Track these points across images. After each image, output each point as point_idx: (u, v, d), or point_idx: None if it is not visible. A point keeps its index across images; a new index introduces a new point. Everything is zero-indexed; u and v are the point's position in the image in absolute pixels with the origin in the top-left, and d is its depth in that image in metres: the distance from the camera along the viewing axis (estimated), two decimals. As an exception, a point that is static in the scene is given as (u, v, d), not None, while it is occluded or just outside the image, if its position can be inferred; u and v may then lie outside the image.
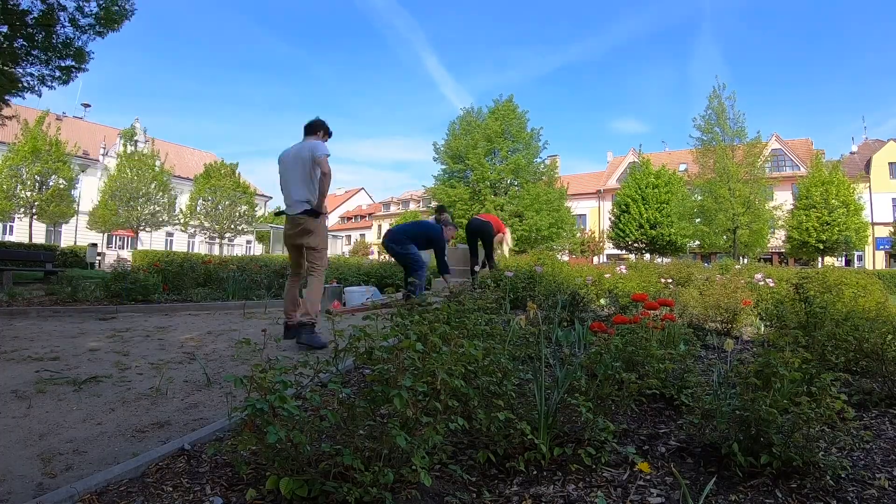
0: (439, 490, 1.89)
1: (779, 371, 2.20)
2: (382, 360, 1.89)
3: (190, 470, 2.05)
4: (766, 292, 6.68)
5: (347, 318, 5.68)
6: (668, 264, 13.89)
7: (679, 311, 5.60)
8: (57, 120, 28.11)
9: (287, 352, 4.50)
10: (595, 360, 2.56)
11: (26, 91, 9.20)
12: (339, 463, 1.68)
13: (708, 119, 23.76)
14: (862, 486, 1.97)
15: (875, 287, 7.47)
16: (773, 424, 1.98)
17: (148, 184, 27.40)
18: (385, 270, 11.16)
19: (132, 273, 8.32)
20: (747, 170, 22.85)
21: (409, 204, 59.13)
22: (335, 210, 69.66)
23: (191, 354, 4.39)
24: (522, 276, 7.55)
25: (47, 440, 2.44)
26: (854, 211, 26.62)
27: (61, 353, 4.33)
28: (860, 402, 3.03)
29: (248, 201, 31.37)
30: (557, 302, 5.24)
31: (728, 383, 2.67)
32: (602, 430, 2.22)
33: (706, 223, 24.35)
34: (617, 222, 31.47)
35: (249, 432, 1.72)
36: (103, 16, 8.43)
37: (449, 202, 26.21)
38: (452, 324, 2.86)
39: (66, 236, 33.27)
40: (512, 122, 26.82)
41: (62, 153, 24.59)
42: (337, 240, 47.51)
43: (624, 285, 7.79)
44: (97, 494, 1.82)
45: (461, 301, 3.52)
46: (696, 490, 1.90)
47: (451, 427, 1.85)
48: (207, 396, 3.25)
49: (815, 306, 4.47)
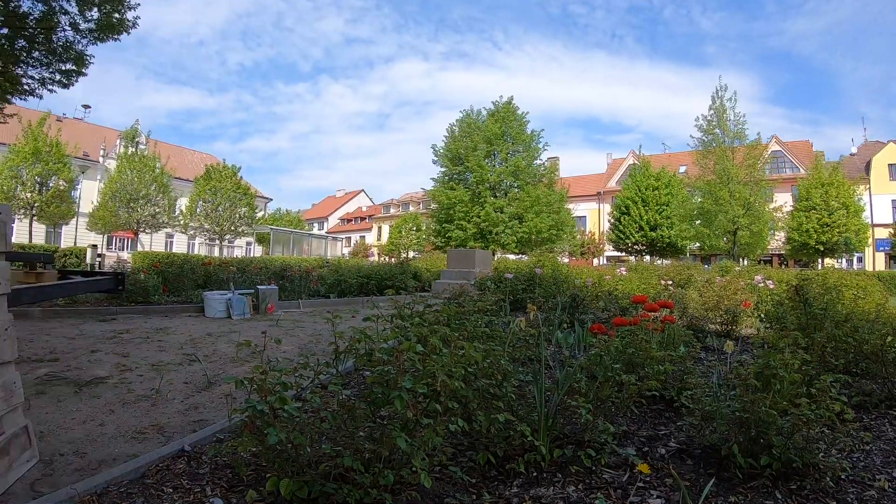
0: (439, 491, 1.89)
1: (778, 373, 2.21)
2: (383, 361, 1.89)
3: (190, 471, 2.05)
4: (766, 294, 6.69)
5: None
6: (668, 266, 13.91)
7: (679, 312, 5.61)
8: (57, 121, 28.13)
9: (288, 353, 4.50)
10: (595, 362, 2.56)
11: (27, 94, 9.21)
12: (339, 464, 1.68)
13: (709, 120, 23.81)
14: (862, 488, 1.97)
15: (875, 288, 7.47)
16: (773, 426, 1.98)
17: (148, 185, 27.43)
18: (385, 272, 11.16)
19: (132, 274, 8.33)
20: (747, 171, 22.85)
21: (408, 206, 59.18)
22: (335, 212, 69.73)
23: (190, 356, 4.39)
24: (522, 277, 7.57)
25: (48, 441, 2.44)
26: (854, 212, 26.63)
27: (61, 354, 4.33)
28: (860, 404, 3.03)
29: (248, 203, 31.38)
30: (557, 304, 5.24)
31: (728, 385, 2.67)
32: (602, 431, 2.22)
33: (706, 225, 24.34)
34: (617, 224, 31.47)
35: (250, 434, 1.72)
36: (104, 23, 8.46)
37: (449, 204, 26.22)
38: (453, 326, 2.86)
39: (66, 237, 33.28)
40: (512, 124, 26.83)
41: (63, 154, 24.60)
42: (337, 242, 47.52)
43: (624, 287, 7.80)
44: (97, 495, 1.82)
45: (461, 303, 3.52)
46: (695, 491, 1.90)
47: (451, 429, 1.85)
48: (207, 398, 3.25)
49: (815, 308, 4.47)
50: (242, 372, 3.82)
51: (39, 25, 8.13)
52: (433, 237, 29.44)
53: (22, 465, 2.05)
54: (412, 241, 42.90)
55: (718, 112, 23.65)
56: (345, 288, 10.10)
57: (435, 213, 28.41)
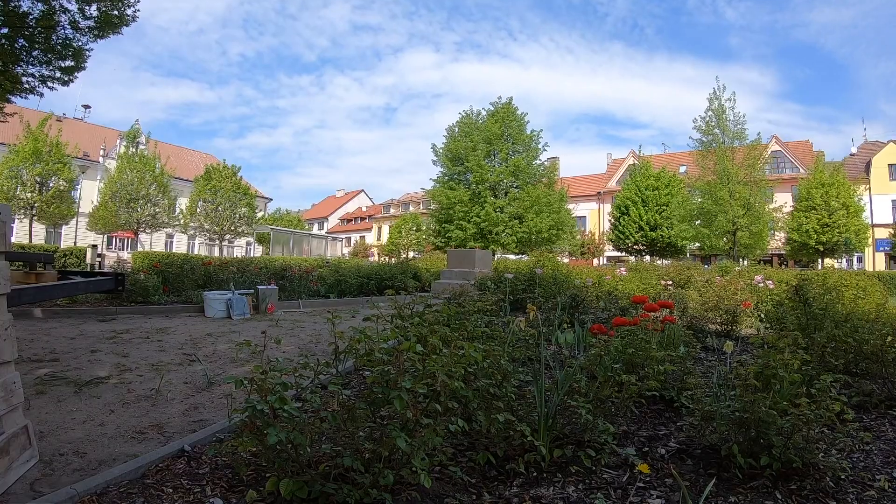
0: (439, 492, 1.89)
1: (778, 373, 2.21)
2: (383, 361, 1.89)
3: (190, 471, 2.05)
4: (766, 294, 6.69)
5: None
6: (668, 266, 13.91)
7: (679, 313, 5.60)
8: (57, 121, 28.10)
9: (287, 353, 4.50)
10: (595, 362, 2.56)
11: (27, 92, 9.22)
12: (339, 464, 1.68)
13: (708, 121, 23.81)
14: (862, 488, 1.97)
15: (875, 289, 7.46)
16: (773, 426, 1.98)
17: (148, 185, 27.43)
18: (385, 272, 11.15)
19: (132, 274, 8.32)
20: (747, 171, 22.85)
21: (408, 206, 59.19)
22: (335, 212, 69.74)
23: (190, 356, 4.39)
24: (522, 278, 7.56)
25: (48, 441, 2.44)
26: (854, 213, 26.64)
27: (61, 354, 4.33)
28: (860, 404, 3.03)
29: (249, 203, 31.39)
30: (557, 304, 5.24)
31: (728, 385, 2.67)
32: (602, 431, 2.22)
33: (706, 225, 24.32)
34: (617, 224, 31.50)
35: (250, 434, 1.72)
36: (103, 20, 8.46)
37: (449, 204, 26.22)
38: (452, 326, 2.86)
39: (66, 238, 33.29)
40: (511, 124, 26.87)
41: (63, 154, 24.61)
42: (337, 242, 47.51)
43: (624, 287, 7.80)
44: (97, 495, 1.82)
45: (461, 303, 3.52)
46: (695, 491, 1.90)
47: (451, 429, 1.85)
48: (207, 398, 3.25)
49: (815, 308, 4.47)
50: (242, 372, 3.82)
51: (39, 24, 8.13)
52: (433, 237, 29.44)
53: (22, 465, 2.05)
54: (412, 241, 42.90)
55: (717, 113, 23.64)
56: (345, 288, 10.09)
57: (435, 213, 28.41)
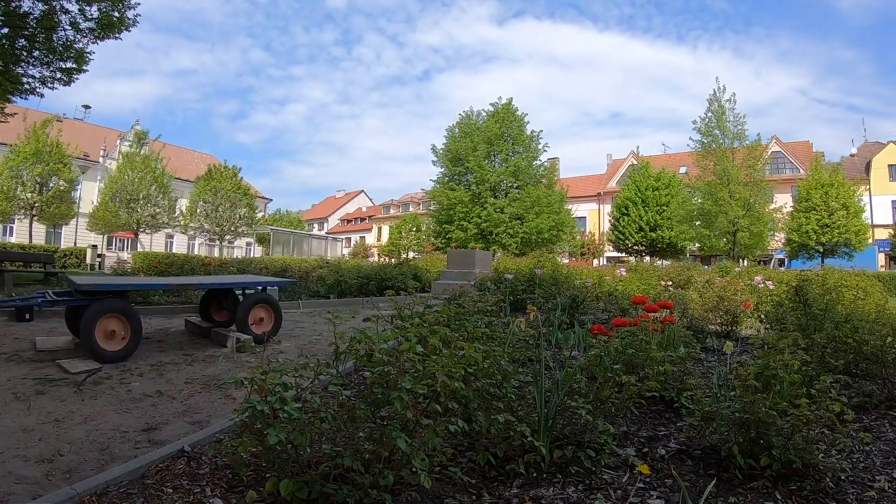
0: (439, 492, 1.89)
1: (778, 373, 2.20)
2: (383, 362, 1.89)
3: (190, 471, 2.05)
4: (766, 295, 6.68)
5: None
6: (668, 267, 13.90)
7: (679, 313, 5.60)
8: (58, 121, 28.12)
9: (287, 354, 4.50)
10: (595, 363, 2.56)
11: (28, 93, 9.24)
12: (339, 465, 1.68)
13: (708, 122, 23.82)
14: (862, 488, 1.97)
15: (875, 289, 7.46)
16: (773, 427, 1.98)
17: (148, 185, 27.45)
18: (385, 273, 11.15)
19: (132, 274, 8.32)
20: (747, 172, 22.85)
21: (408, 207, 59.19)
22: (335, 212, 69.74)
23: (191, 356, 4.39)
24: (522, 278, 7.56)
25: (47, 441, 2.44)
26: (854, 213, 26.64)
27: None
28: (860, 405, 3.03)
29: (249, 203, 31.40)
30: (557, 304, 5.24)
31: (728, 386, 2.67)
32: (602, 432, 2.22)
33: (706, 226, 24.32)
34: (617, 225, 31.53)
35: (250, 434, 1.72)
36: (104, 21, 8.48)
37: (449, 205, 26.22)
38: (453, 326, 2.86)
39: (66, 238, 33.32)
40: (511, 125, 26.89)
41: (63, 155, 24.62)
42: (337, 242, 47.51)
43: (624, 288, 7.80)
44: (97, 495, 1.82)
45: (461, 304, 3.52)
46: (695, 492, 1.90)
47: (450, 429, 1.85)
48: (207, 398, 3.25)
49: (815, 309, 4.47)
50: (243, 372, 3.82)
51: (40, 25, 8.14)
52: (433, 238, 29.42)
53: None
54: (412, 241, 42.91)
55: (717, 114, 23.65)
56: (345, 288, 10.09)
57: (435, 214, 28.41)
